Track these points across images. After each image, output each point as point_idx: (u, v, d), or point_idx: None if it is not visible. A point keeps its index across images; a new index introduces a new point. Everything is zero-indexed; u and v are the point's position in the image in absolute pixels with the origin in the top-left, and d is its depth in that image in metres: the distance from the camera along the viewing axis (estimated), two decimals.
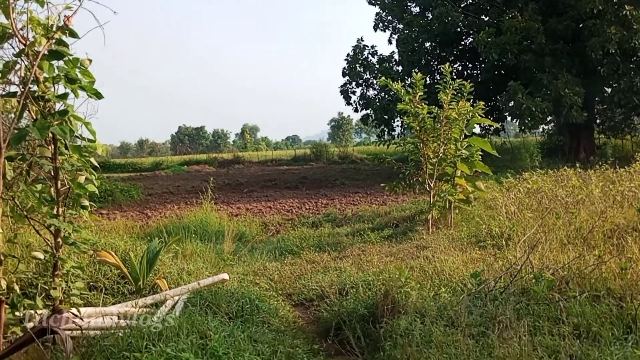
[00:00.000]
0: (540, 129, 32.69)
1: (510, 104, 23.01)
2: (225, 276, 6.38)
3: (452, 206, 10.27)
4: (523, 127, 23.28)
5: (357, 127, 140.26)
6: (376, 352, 4.57)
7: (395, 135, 29.33)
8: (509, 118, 27.29)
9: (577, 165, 15.88)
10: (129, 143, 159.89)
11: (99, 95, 4.33)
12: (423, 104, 10.13)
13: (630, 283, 4.89)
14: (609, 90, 24.37)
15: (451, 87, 10.10)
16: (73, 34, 4.14)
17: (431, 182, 10.30)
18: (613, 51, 20.96)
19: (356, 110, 32.16)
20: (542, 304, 4.63)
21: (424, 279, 6.26)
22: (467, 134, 10.57)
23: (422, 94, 10.12)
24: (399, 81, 11.19)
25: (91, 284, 5.78)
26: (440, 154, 10.20)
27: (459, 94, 10.28)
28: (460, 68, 29.80)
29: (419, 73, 10.55)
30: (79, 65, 4.17)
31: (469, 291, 5.39)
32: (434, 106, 10.34)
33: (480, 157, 10.61)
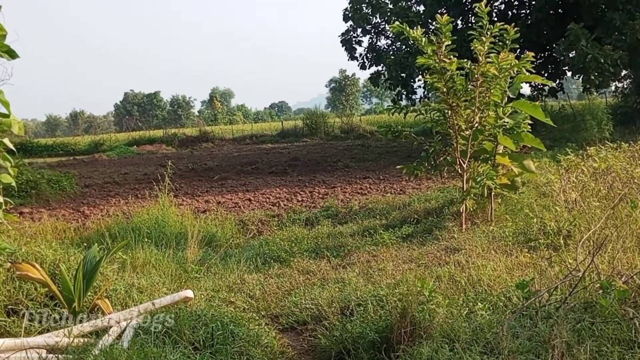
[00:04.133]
0: (612, 88, 32.69)
1: (570, 55, 22.95)
2: (189, 293, 6.41)
3: (493, 194, 10.30)
4: (588, 86, 23.26)
5: (365, 89, 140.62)
6: None
7: (416, 100, 29.32)
8: (569, 73, 27.26)
9: None
10: (59, 117, 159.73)
11: (12, 54, 4.34)
12: (451, 56, 10.09)
13: None
14: None
15: (489, 33, 10.07)
16: None
17: (464, 162, 10.32)
18: None
19: (363, 67, 32.17)
20: (611, 323, 4.67)
21: (454, 292, 6.32)
22: (511, 96, 10.55)
23: (449, 43, 10.08)
24: (420, 26, 11.10)
25: (9, 307, 5.81)
26: (476, 124, 10.20)
27: (500, 43, 10.26)
28: (502, 7, 29.76)
29: (445, 15, 10.51)
30: None
31: (515, 307, 5.43)
32: (466, 60, 10.30)
33: (529, 127, 10.59)
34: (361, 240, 10.18)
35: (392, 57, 29.25)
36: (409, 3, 30.50)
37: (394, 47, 30.42)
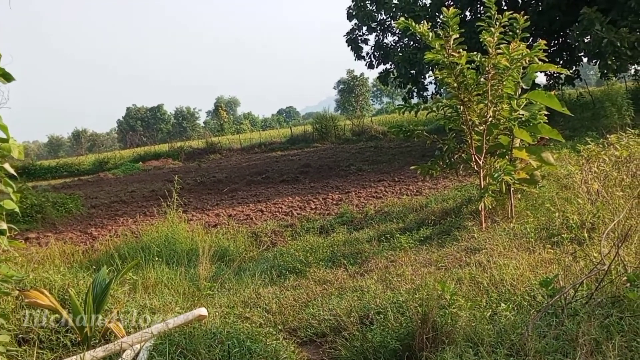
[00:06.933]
0: (632, 71, 32.48)
1: (585, 40, 22.84)
2: (203, 311, 6.45)
3: (512, 189, 10.29)
4: (606, 71, 23.13)
5: (375, 88, 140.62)
6: None
7: (428, 97, 29.28)
8: (585, 60, 27.12)
9: None
10: (61, 137, 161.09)
11: (8, 77, 4.39)
12: (460, 50, 10.08)
13: None
14: None
15: (498, 23, 10.05)
16: None
17: (480, 159, 10.31)
18: None
19: (371, 66, 32.23)
20: None
21: (476, 294, 6.32)
22: (525, 87, 10.53)
23: (457, 36, 10.08)
24: (427, 20, 11.11)
25: (20, 336, 5.86)
26: (490, 119, 10.19)
27: (511, 33, 10.24)
28: None
29: (452, 7, 10.51)
30: None
31: (539, 306, 5.43)
32: (476, 52, 10.29)
33: (546, 118, 10.56)
34: (378, 245, 10.20)
35: (400, 54, 29.21)
36: None
37: (401, 43, 30.39)
